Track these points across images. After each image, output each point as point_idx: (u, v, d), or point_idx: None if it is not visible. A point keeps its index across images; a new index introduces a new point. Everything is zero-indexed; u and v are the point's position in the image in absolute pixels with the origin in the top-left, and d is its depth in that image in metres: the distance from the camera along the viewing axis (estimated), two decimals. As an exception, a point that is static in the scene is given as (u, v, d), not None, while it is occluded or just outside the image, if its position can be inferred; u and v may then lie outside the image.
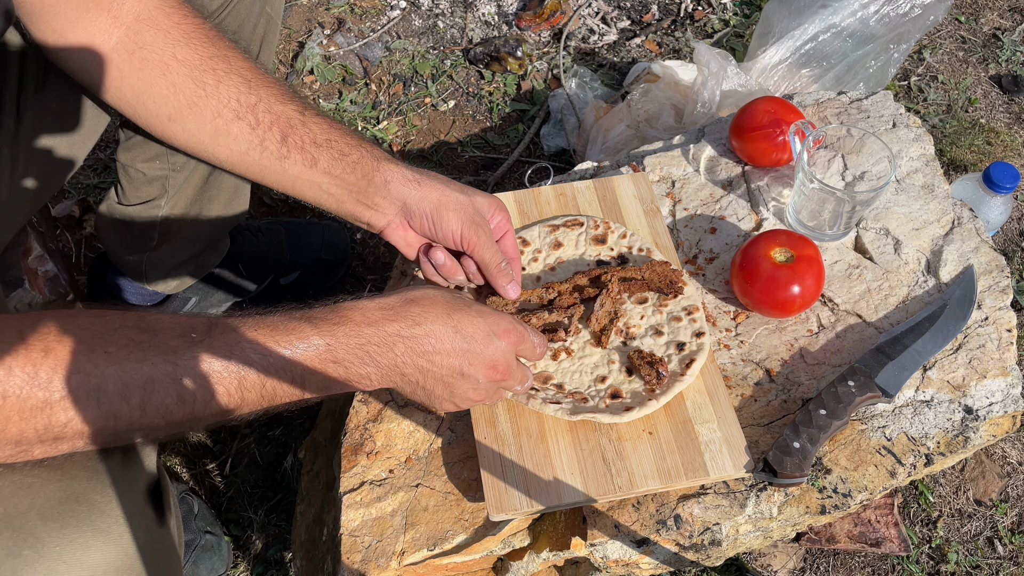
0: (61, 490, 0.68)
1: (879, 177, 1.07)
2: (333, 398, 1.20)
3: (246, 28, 1.10)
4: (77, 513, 0.68)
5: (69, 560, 0.66)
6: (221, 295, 1.46)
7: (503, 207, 0.94)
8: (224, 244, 1.41)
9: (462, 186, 0.91)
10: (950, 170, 1.69)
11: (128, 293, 1.40)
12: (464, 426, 0.96)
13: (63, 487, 0.68)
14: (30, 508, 0.66)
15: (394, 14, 2.00)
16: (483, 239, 0.90)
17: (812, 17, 1.49)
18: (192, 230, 1.31)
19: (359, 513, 0.91)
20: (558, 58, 1.89)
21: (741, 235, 1.10)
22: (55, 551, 0.66)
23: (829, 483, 0.92)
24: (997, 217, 1.27)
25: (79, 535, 0.67)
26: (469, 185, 0.95)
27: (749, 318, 1.03)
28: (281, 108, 0.87)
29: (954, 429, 0.95)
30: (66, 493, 0.68)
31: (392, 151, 1.76)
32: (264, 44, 1.14)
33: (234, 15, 1.06)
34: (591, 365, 0.96)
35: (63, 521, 0.67)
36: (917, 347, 0.98)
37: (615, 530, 0.90)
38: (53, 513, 0.67)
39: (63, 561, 0.66)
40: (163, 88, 0.85)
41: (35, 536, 0.65)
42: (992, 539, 1.28)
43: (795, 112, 1.12)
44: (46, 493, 0.68)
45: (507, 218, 0.95)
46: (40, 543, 0.65)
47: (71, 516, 0.67)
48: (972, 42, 1.91)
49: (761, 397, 0.97)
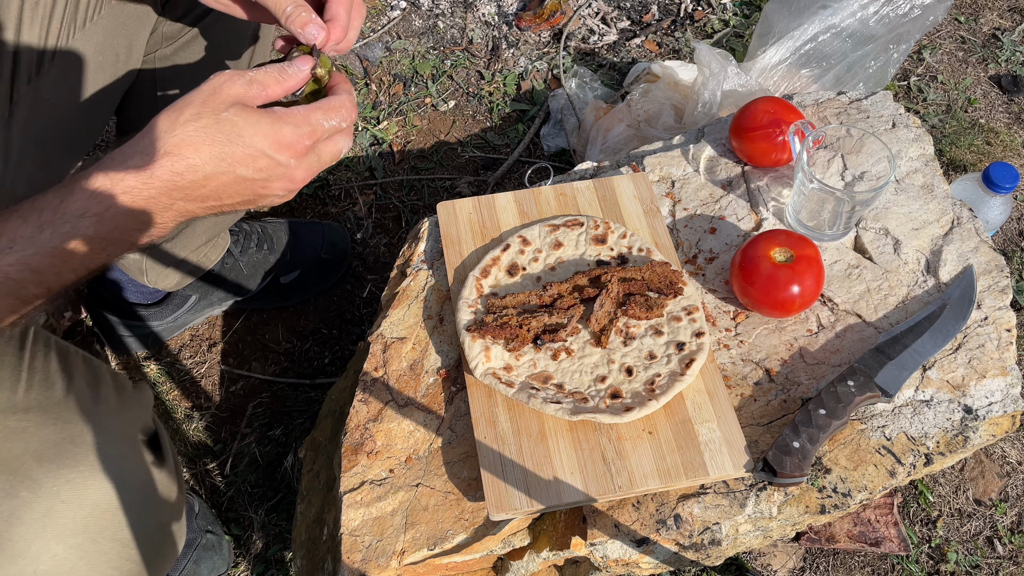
0: (56, 433, 0.68)
1: (879, 177, 1.07)
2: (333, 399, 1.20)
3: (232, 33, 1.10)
4: (74, 454, 0.68)
5: (67, 499, 0.66)
6: (221, 293, 1.46)
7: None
8: (224, 241, 1.41)
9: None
10: (950, 170, 1.69)
11: (127, 290, 1.40)
12: (464, 426, 0.96)
13: (58, 430, 0.69)
14: (25, 451, 0.66)
15: (394, 14, 2.00)
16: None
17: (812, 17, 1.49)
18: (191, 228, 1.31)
19: (359, 513, 0.91)
20: (558, 58, 1.89)
21: (741, 235, 1.10)
22: (52, 491, 0.66)
23: (829, 483, 0.92)
24: (996, 217, 1.28)
25: (76, 475, 0.68)
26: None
27: (749, 318, 1.03)
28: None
29: (954, 429, 0.95)
30: (61, 436, 0.69)
31: (392, 151, 1.76)
32: (262, 30, 1.14)
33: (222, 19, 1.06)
34: (591, 365, 0.96)
35: (59, 462, 0.67)
36: (917, 347, 0.98)
37: (615, 530, 0.90)
38: (49, 455, 0.67)
39: (61, 500, 0.66)
40: None
41: (31, 477, 0.66)
42: (992, 539, 1.28)
43: (795, 112, 1.12)
44: (41, 436, 0.68)
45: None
46: (37, 484, 0.66)
47: (68, 457, 0.68)
48: (972, 42, 1.91)
49: (761, 397, 0.97)
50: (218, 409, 1.43)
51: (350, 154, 1.76)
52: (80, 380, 0.77)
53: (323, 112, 0.73)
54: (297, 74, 0.74)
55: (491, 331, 0.95)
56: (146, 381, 0.92)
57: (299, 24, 0.78)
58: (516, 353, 0.96)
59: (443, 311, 1.05)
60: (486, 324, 0.95)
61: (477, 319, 0.98)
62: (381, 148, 1.76)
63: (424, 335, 1.03)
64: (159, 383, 1.45)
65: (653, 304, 0.98)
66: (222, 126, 0.67)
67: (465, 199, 1.12)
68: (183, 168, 0.66)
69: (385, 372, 1.00)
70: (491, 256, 1.04)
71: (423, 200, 1.68)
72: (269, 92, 0.71)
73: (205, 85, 0.68)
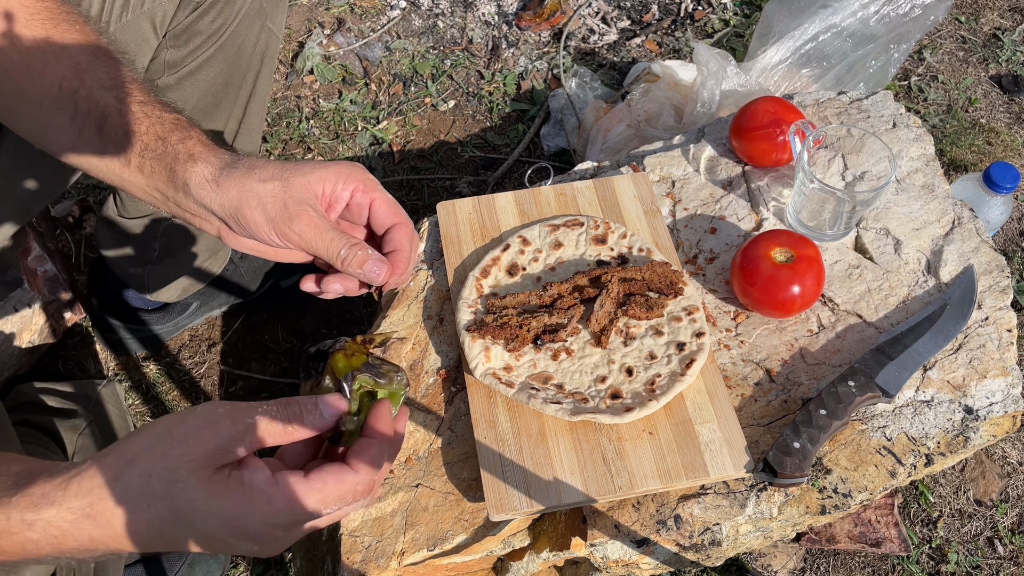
0: None
1: (879, 177, 1.07)
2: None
3: (246, 46, 1.09)
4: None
5: None
6: (223, 298, 1.46)
7: (350, 173, 0.74)
8: (226, 252, 1.41)
9: (283, 167, 0.72)
10: (950, 170, 1.69)
11: (129, 296, 1.40)
12: (464, 426, 0.96)
13: None
14: None
15: (394, 14, 2.00)
16: (305, 233, 0.70)
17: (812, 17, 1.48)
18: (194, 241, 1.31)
19: (359, 513, 0.91)
20: (558, 58, 1.89)
21: (741, 235, 1.10)
22: None
23: (829, 483, 0.92)
24: (997, 217, 1.27)
25: None
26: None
27: (749, 318, 1.03)
28: (102, 95, 0.73)
29: (954, 429, 0.95)
30: None
31: (392, 151, 1.76)
32: (265, 59, 1.14)
33: (234, 35, 1.06)
34: (591, 365, 0.95)
35: None
36: (917, 347, 0.98)
37: (615, 530, 0.90)
38: None
39: None
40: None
41: None
42: (992, 539, 1.27)
43: (795, 112, 1.12)
44: None
45: (364, 184, 0.75)
46: None
47: None
48: (972, 42, 1.91)
49: (761, 397, 0.97)
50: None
51: (350, 154, 1.76)
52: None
53: (319, 498, 0.57)
54: (316, 424, 0.59)
55: (491, 331, 0.94)
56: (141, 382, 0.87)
57: (357, 264, 0.71)
58: (516, 353, 0.96)
59: (443, 311, 1.04)
60: (486, 324, 0.95)
61: (477, 319, 0.98)
62: (381, 148, 1.76)
63: (424, 335, 1.03)
64: (159, 383, 1.45)
65: (653, 304, 0.97)
66: (172, 501, 0.55)
67: (465, 199, 1.12)
68: (108, 536, 0.56)
69: (385, 372, 1.00)
70: (491, 256, 1.04)
71: (423, 200, 1.68)
72: (268, 443, 0.58)
73: (180, 425, 0.56)
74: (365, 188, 0.75)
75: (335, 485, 0.58)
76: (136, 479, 0.55)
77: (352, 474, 0.59)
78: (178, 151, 0.72)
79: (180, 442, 0.55)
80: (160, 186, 0.73)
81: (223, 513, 0.55)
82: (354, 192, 0.75)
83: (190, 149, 0.73)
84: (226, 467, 0.56)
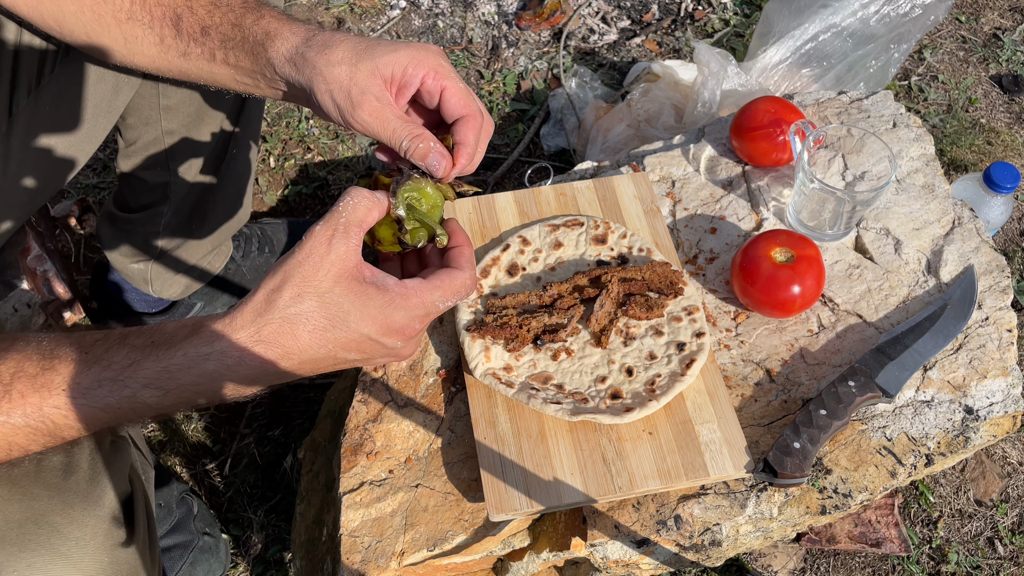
0: (21, 511, 0.66)
1: (879, 177, 1.07)
2: (332, 399, 1.20)
3: None
4: (36, 536, 0.66)
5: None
6: (227, 298, 1.46)
7: (423, 58, 0.74)
8: (227, 248, 1.40)
9: (356, 48, 0.74)
10: (950, 170, 1.68)
11: (131, 297, 1.40)
12: (464, 426, 0.95)
13: (23, 508, 0.66)
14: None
15: (394, 14, 1.99)
16: (368, 122, 0.74)
17: (812, 17, 1.48)
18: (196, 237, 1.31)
19: (359, 513, 0.91)
20: (558, 58, 1.89)
21: (741, 235, 1.10)
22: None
23: (829, 483, 0.92)
24: (997, 217, 1.27)
25: (38, 559, 0.65)
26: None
27: (749, 318, 1.03)
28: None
29: (954, 429, 0.95)
30: (26, 515, 0.66)
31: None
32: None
33: None
34: (591, 365, 0.95)
35: (22, 545, 0.65)
36: (917, 347, 0.97)
37: (615, 530, 0.90)
38: (12, 536, 0.65)
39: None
40: (70, 4, 0.77)
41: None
42: (992, 539, 1.27)
43: (795, 112, 1.12)
44: (5, 515, 0.65)
45: (436, 70, 0.75)
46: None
47: (30, 539, 0.65)
48: (972, 42, 1.91)
49: (761, 397, 0.97)
50: (217, 409, 1.43)
51: (349, 153, 1.76)
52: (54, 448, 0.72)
53: (441, 293, 0.69)
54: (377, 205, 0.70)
55: (491, 331, 0.94)
56: (127, 439, 0.87)
57: (419, 156, 0.74)
58: (516, 353, 0.96)
59: (443, 311, 1.04)
60: (486, 324, 0.95)
61: (477, 319, 0.98)
62: (381, 148, 1.76)
63: (424, 335, 1.03)
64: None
65: (653, 304, 0.97)
66: (327, 309, 0.63)
67: (465, 199, 1.11)
68: (277, 356, 0.63)
69: (384, 372, 1.00)
70: (491, 256, 1.04)
71: (423, 200, 1.68)
72: (365, 227, 0.68)
73: (306, 255, 0.64)
74: (437, 74, 0.75)
75: (450, 281, 0.70)
76: (289, 300, 0.63)
77: (460, 272, 0.71)
78: (255, 34, 0.75)
79: (314, 267, 0.63)
80: (249, 73, 0.77)
81: (372, 313, 0.64)
82: (424, 77, 0.75)
83: (266, 28, 0.75)
84: (360, 279, 0.65)
